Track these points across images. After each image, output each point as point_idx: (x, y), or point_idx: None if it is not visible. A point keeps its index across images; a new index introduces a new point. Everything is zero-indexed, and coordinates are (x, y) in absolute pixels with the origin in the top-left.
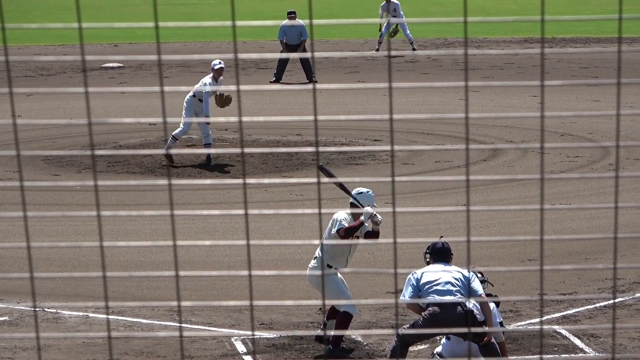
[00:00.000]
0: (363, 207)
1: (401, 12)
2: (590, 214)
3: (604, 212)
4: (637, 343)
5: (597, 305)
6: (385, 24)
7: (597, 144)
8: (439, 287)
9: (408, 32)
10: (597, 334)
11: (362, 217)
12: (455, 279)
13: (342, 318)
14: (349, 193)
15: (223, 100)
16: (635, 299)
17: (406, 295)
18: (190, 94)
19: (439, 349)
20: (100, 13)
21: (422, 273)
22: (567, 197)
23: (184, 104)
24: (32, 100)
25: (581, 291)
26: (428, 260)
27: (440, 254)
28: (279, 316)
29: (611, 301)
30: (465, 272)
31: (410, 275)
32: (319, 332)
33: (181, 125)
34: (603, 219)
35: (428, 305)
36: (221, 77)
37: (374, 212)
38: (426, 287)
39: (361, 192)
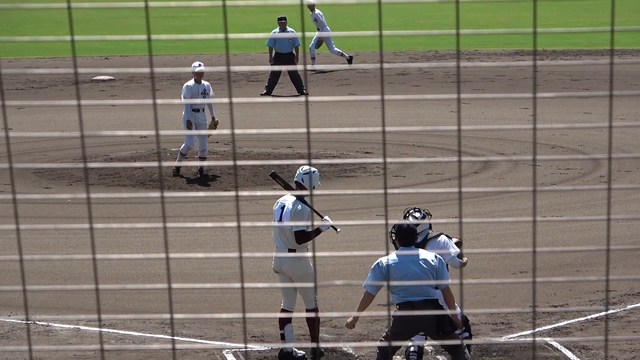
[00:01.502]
0: (307, 187)
1: (324, 22)
2: (581, 225)
3: (595, 224)
4: (628, 355)
5: (589, 317)
6: (314, 38)
7: (589, 156)
8: (407, 285)
9: (334, 48)
10: (589, 346)
11: (321, 227)
12: (424, 268)
13: (314, 319)
14: (306, 203)
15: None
16: (626, 310)
17: (370, 286)
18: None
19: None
20: (91, 26)
21: (389, 265)
22: (558, 209)
23: (183, 118)
24: (22, 113)
25: (573, 303)
26: (394, 239)
27: (405, 236)
28: (270, 329)
29: (603, 313)
30: (432, 255)
31: (375, 265)
32: (284, 345)
33: (185, 141)
34: (594, 231)
35: (399, 305)
36: (203, 80)
37: (331, 224)
38: (395, 284)
39: (307, 172)
